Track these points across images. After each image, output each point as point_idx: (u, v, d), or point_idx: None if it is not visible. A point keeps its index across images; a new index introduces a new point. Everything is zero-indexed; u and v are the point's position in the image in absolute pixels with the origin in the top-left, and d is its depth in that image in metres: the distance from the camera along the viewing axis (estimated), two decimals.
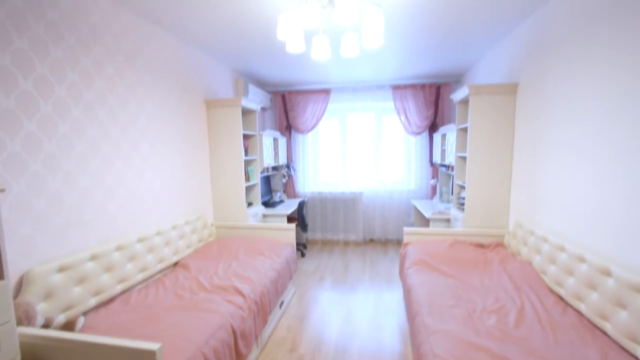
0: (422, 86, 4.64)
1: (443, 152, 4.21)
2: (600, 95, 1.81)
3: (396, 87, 4.68)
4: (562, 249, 2.03)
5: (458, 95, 3.26)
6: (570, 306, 1.84)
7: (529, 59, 2.61)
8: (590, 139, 1.89)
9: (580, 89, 1.98)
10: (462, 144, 3.40)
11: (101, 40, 2.12)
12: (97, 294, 1.95)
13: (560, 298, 1.93)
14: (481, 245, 2.85)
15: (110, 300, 2.04)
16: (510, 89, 2.84)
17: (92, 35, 2.06)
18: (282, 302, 2.88)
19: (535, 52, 2.52)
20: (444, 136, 4.21)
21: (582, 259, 1.83)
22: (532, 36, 2.56)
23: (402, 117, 4.72)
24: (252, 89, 4.28)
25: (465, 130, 3.34)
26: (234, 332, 1.80)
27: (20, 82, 1.64)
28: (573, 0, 2.05)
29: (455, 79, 4.66)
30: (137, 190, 2.44)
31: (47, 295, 1.68)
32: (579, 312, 1.77)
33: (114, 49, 2.22)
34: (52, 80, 1.80)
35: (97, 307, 1.97)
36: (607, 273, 1.63)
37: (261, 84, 4.89)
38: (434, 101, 4.66)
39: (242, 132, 3.46)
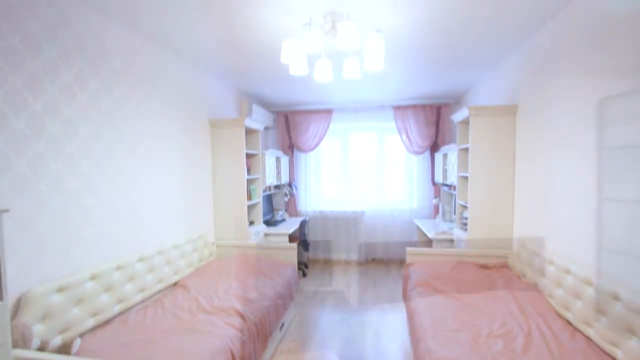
0: (423, 106, 4.71)
1: (445, 171, 4.21)
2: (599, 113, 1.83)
3: (397, 108, 4.75)
4: (568, 271, 2.00)
5: (458, 116, 3.30)
6: (579, 331, 1.79)
7: (528, 80, 2.66)
8: (591, 159, 1.90)
9: (580, 108, 2.00)
10: (463, 163, 3.41)
11: (111, 64, 2.19)
12: (95, 314, 1.92)
13: (569, 323, 1.88)
14: (485, 267, 2.80)
15: (108, 321, 2.00)
16: (510, 111, 2.88)
17: (103, 58, 2.12)
18: (283, 324, 2.81)
19: (534, 74, 2.57)
20: (445, 156, 4.22)
21: (588, 282, 1.80)
22: (531, 58, 2.61)
23: (404, 137, 4.77)
24: (256, 109, 4.36)
25: (466, 150, 3.35)
26: (233, 357, 1.75)
27: (31, 103, 1.68)
28: (570, 23, 2.11)
29: (455, 100, 4.73)
30: (139, 209, 2.45)
31: (45, 316, 1.65)
32: (587, 338, 1.72)
33: (122, 71, 2.28)
34: (62, 102, 1.84)
35: (94, 328, 1.92)
36: (615, 297, 1.60)
37: (265, 104, 4.98)
38: (435, 121, 4.72)
39: (245, 151, 3.50)
